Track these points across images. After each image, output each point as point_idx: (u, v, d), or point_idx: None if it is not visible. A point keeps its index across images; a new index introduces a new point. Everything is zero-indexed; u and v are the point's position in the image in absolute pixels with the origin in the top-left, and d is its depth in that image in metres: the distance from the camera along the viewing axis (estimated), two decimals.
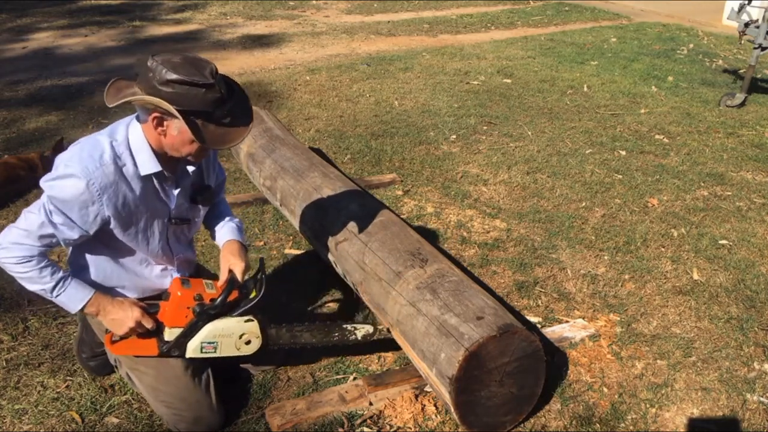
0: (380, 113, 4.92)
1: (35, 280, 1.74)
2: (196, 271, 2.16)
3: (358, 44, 7.29)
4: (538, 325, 2.54)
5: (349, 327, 2.11)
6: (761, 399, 2.21)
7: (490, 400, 1.89)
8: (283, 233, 3.18)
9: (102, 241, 1.80)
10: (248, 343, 1.90)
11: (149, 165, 1.73)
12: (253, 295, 1.88)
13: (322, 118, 4.78)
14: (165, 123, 1.64)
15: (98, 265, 1.86)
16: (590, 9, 9.86)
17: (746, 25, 5.16)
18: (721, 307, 2.70)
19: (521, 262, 2.98)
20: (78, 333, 2.21)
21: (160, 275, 1.97)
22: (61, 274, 1.76)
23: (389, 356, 2.34)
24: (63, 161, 1.67)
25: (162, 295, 1.93)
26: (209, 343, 1.84)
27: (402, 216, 3.34)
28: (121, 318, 1.81)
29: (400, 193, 3.64)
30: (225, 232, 2.06)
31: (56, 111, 4.85)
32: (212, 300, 1.83)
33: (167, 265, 1.98)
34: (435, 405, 2.10)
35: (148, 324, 1.83)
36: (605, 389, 2.24)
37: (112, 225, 1.74)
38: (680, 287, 2.83)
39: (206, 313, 1.82)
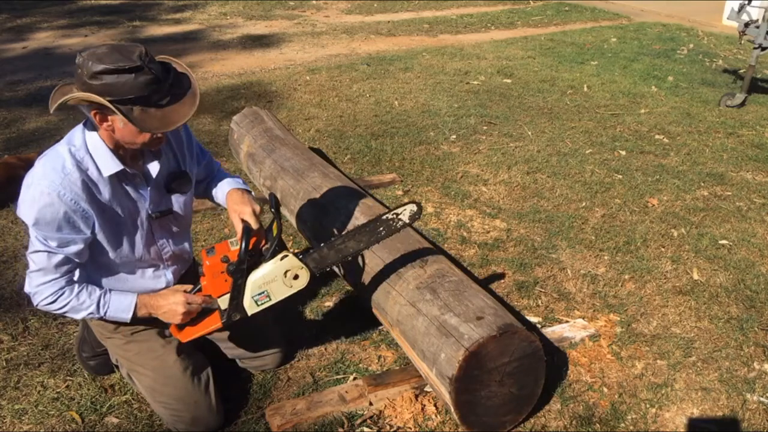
0: (380, 113, 4.92)
1: (78, 309, 1.75)
2: (194, 267, 2.15)
3: (358, 44, 7.29)
4: (538, 325, 2.54)
5: (390, 216, 1.99)
6: (761, 399, 2.21)
7: (490, 400, 1.89)
8: (283, 233, 3.18)
9: (90, 255, 1.78)
10: (296, 277, 1.84)
11: (110, 165, 1.69)
12: (275, 232, 1.83)
13: (322, 118, 4.78)
14: (108, 118, 1.60)
15: (90, 277, 1.84)
16: (590, 9, 9.86)
17: (746, 25, 5.16)
18: (721, 307, 2.70)
19: (521, 262, 2.98)
20: (79, 332, 2.22)
21: (152, 276, 1.94)
22: (98, 292, 1.77)
23: (389, 356, 2.34)
24: (30, 181, 1.65)
25: (198, 271, 1.91)
26: (260, 293, 1.81)
27: None
28: (171, 307, 1.81)
29: (400, 193, 3.64)
30: (223, 186, 2.03)
31: (56, 111, 4.84)
32: (238, 256, 1.80)
33: (158, 264, 1.94)
34: (435, 405, 2.10)
35: (198, 300, 1.83)
36: (605, 389, 2.24)
37: (96, 229, 1.72)
38: (680, 287, 2.83)
39: (239, 270, 1.78)
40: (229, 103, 5.08)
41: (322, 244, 1.94)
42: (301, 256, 1.87)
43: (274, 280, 1.82)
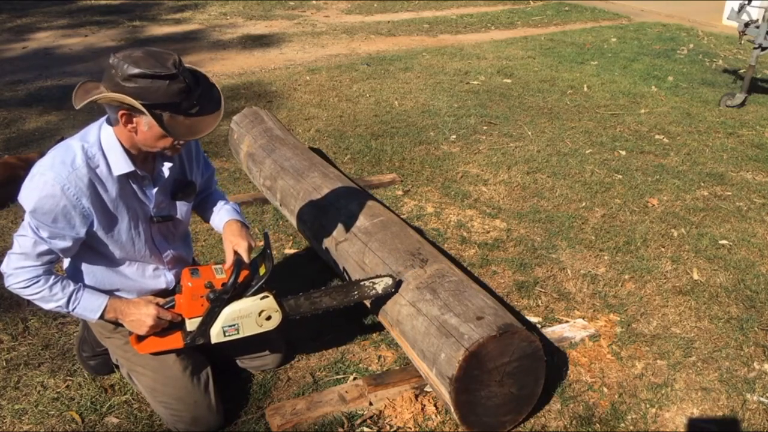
0: (380, 113, 4.92)
1: (48, 299, 1.75)
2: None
3: (358, 44, 7.29)
4: (538, 325, 2.54)
5: (367, 283, 2.07)
6: (761, 399, 2.21)
7: (490, 400, 1.89)
8: (283, 233, 3.18)
9: (91, 246, 1.80)
10: (269, 318, 1.90)
11: (121, 165, 1.71)
12: (262, 271, 1.87)
13: (322, 118, 4.78)
14: (134, 120, 1.62)
15: (90, 272, 1.86)
16: (590, 9, 9.86)
17: (746, 25, 5.15)
18: (721, 307, 2.70)
19: (521, 262, 2.98)
20: (80, 332, 2.22)
21: (152, 275, 1.96)
22: (71, 287, 1.77)
23: (389, 356, 2.34)
24: (37, 170, 1.66)
25: (175, 288, 1.93)
26: (230, 326, 1.86)
27: (402, 216, 3.34)
28: (140, 318, 1.81)
29: (400, 193, 3.64)
30: (222, 214, 2.05)
31: (56, 111, 4.85)
32: (223, 285, 1.83)
33: (158, 265, 1.96)
34: (435, 405, 2.10)
35: (167, 317, 1.83)
36: (605, 389, 2.24)
37: (95, 227, 1.73)
38: (680, 287, 2.83)
39: (220, 299, 1.82)
40: (229, 103, 5.08)
41: (300, 294, 2.00)
42: (279, 300, 1.92)
43: (248, 316, 1.87)
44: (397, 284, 2.10)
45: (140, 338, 1.88)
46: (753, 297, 2.76)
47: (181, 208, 1.96)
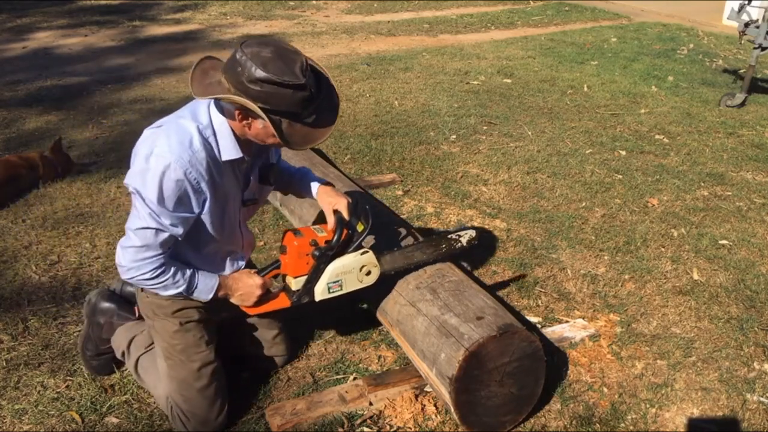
0: (380, 113, 4.92)
1: (170, 287, 1.76)
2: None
3: (358, 44, 7.29)
4: (538, 325, 2.54)
5: (453, 236, 2.16)
6: (761, 399, 2.21)
7: (490, 400, 1.89)
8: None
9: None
10: (368, 273, 1.96)
11: (231, 151, 1.70)
12: (360, 228, 1.93)
13: None
14: (250, 118, 1.61)
15: (178, 251, 1.81)
16: (590, 9, 9.86)
17: (746, 25, 5.16)
18: (721, 307, 2.70)
19: (521, 262, 2.98)
20: (83, 330, 2.21)
21: (230, 261, 1.96)
22: (188, 271, 1.78)
23: (389, 356, 2.34)
24: (152, 153, 1.60)
25: (280, 249, 1.96)
26: (335, 282, 1.92)
27: (402, 216, 3.34)
28: (248, 290, 1.87)
29: (400, 193, 3.64)
30: (307, 182, 2.07)
31: (56, 111, 4.85)
32: (327, 242, 1.89)
33: (236, 249, 1.96)
34: (435, 405, 2.10)
35: (271, 285, 1.90)
36: (605, 389, 2.24)
37: (205, 210, 1.72)
38: (680, 287, 2.83)
39: (325, 255, 1.88)
40: None
41: (394, 249, 2.08)
42: (378, 254, 1.99)
43: (350, 271, 1.93)
44: (479, 236, 2.21)
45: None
46: (753, 297, 2.76)
47: (265, 191, 1.98)
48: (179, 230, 1.69)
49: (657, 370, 2.33)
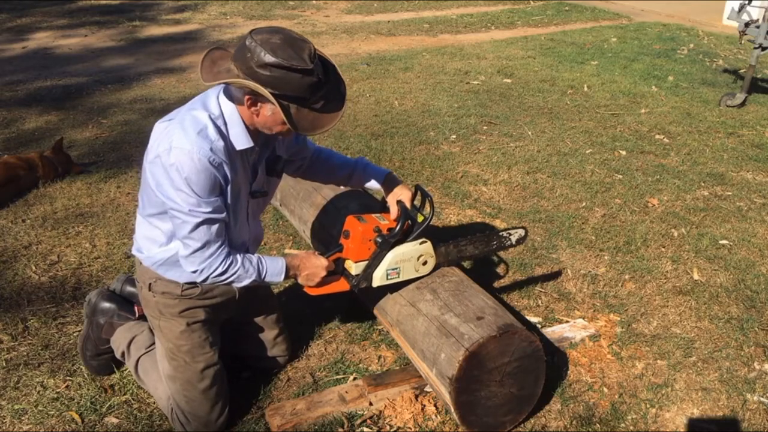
0: (380, 113, 4.92)
1: (243, 277, 1.77)
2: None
3: (358, 44, 7.29)
4: (538, 325, 2.54)
5: (504, 234, 2.23)
6: (761, 399, 2.21)
7: (490, 400, 1.89)
8: (283, 233, 3.18)
9: None
10: (425, 263, 2.01)
11: (242, 140, 1.70)
12: (420, 219, 1.98)
13: None
14: (258, 104, 1.62)
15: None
16: (590, 9, 9.86)
17: (746, 24, 5.15)
18: (722, 307, 2.70)
19: (521, 262, 2.98)
20: (83, 330, 2.21)
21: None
22: (254, 258, 1.80)
23: (389, 356, 2.34)
24: (171, 147, 1.60)
25: (343, 234, 1.98)
26: (393, 269, 1.96)
27: None
28: (314, 270, 1.88)
29: None
30: (370, 173, 2.13)
31: (56, 111, 4.85)
32: (390, 229, 1.93)
33: (243, 243, 1.94)
34: (435, 405, 2.10)
35: (333, 267, 1.92)
36: (605, 389, 2.23)
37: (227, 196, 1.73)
38: (680, 287, 2.83)
39: (387, 242, 1.92)
40: None
41: (449, 241, 2.11)
42: (435, 245, 2.03)
43: (409, 260, 1.98)
44: (527, 233, 2.28)
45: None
46: (753, 297, 2.76)
47: (274, 184, 1.98)
48: (222, 214, 1.70)
49: (657, 370, 2.33)
